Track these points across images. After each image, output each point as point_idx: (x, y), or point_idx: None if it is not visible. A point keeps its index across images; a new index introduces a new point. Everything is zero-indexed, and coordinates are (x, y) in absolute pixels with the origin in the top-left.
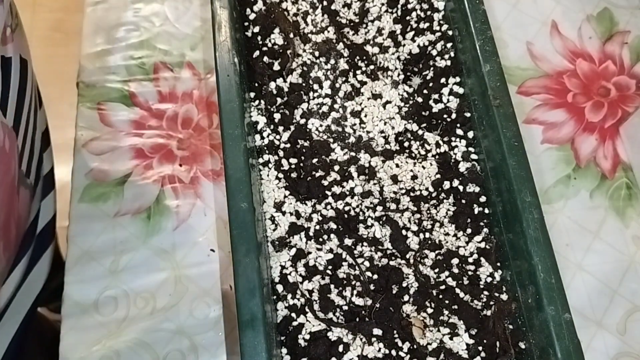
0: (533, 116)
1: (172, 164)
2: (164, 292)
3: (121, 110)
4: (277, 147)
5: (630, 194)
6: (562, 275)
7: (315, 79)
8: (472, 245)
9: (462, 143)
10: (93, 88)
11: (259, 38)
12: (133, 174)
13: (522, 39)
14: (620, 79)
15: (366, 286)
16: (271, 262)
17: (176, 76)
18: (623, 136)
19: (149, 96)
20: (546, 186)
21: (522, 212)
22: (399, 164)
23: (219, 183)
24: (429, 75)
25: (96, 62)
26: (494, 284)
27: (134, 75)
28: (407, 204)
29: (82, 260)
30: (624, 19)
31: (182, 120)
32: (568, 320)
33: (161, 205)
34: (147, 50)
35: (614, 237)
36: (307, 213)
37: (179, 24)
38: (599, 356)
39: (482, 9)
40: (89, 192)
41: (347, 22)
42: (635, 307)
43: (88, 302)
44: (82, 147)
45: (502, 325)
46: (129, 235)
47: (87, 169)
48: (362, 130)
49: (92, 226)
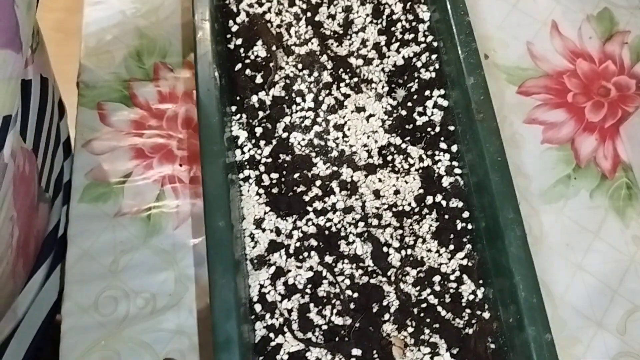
0: (533, 116)
1: (172, 164)
2: (164, 292)
3: (121, 110)
4: (258, 162)
5: (630, 194)
6: (563, 275)
7: (298, 91)
8: (455, 262)
9: (446, 157)
10: (93, 88)
11: (242, 50)
12: (133, 174)
13: (522, 39)
14: (620, 79)
15: (346, 305)
16: (250, 281)
17: (176, 76)
18: (623, 136)
19: (149, 96)
20: (546, 186)
21: (504, 229)
22: (381, 178)
23: None
24: (414, 88)
25: (96, 62)
26: (476, 301)
27: (134, 75)
28: (389, 219)
29: (82, 260)
30: (624, 19)
31: (182, 120)
32: (549, 340)
33: (161, 205)
34: (147, 50)
35: (614, 237)
36: (288, 230)
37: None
38: (599, 356)
39: (467, 20)
40: (89, 192)
41: (331, 34)
42: (635, 307)
43: (88, 302)
44: (82, 147)
45: (484, 344)
46: (129, 235)
47: (87, 169)
48: (345, 144)
49: (92, 226)
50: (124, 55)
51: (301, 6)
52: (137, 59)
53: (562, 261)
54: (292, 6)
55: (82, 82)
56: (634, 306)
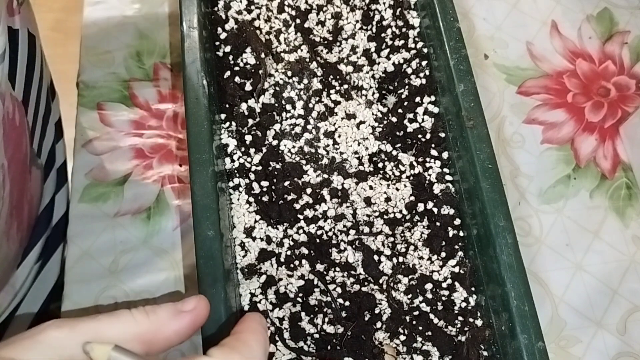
0: (533, 116)
1: (172, 164)
2: (164, 292)
3: (121, 110)
4: (248, 170)
5: (630, 194)
6: (562, 275)
7: (288, 99)
8: (447, 269)
9: (437, 164)
10: (93, 88)
11: (231, 58)
12: (133, 174)
13: (522, 39)
14: (620, 79)
15: (338, 313)
16: (240, 290)
17: (176, 76)
18: (623, 136)
19: (149, 96)
20: (546, 186)
21: (496, 236)
22: (372, 185)
23: None
24: (404, 94)
25: (96, 62)
26: (469, 309)
27: (133, 76)
28: (380, 227)
29: (82, 260)
30: (624, 19)
31: (182, 120)
32: (541, 349)
33: (161, 205)
34: (147, 50)
35: (614, 237)
36: (279, 238)
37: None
38: (598, 356)
39: (457, 26)
40: (89, 192)
41: (321, 40)
42: (635, 307)
43: (88, 302)
44: (82, 147)
45: (477, 352)
46: (129, 235)
47: (87, 169)
48: (336, 151)
49: (92, 226)
50: (124, 55)
51: (290, 13)
52: (137, 59)
53: (562, 261)
54: (281, 13)
55: (82, 82)
56: (634, 306)
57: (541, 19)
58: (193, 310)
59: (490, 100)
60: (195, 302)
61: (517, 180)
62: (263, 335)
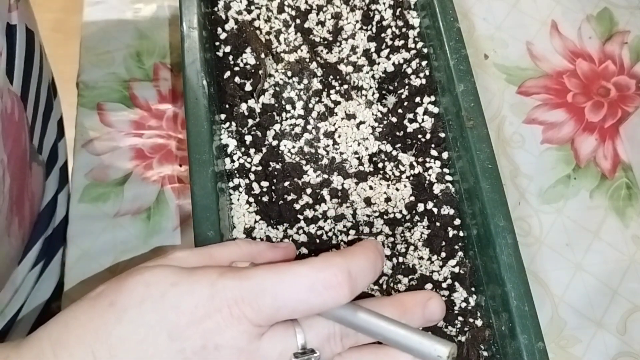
0: (533, 116)
1: (172, 164)
2: None
3: (121, 110)
4: (247, 170)
5: (630, 194)
6: (562, 275)
7: (287, 99)
8: (446, 269)
9: (437, 164)
10: (93, 88)
11: (231, 58)
12: (133, 174)
13: (522, 39)
14: (620, 79)
15: None
16: None
17: (176, 76)
18: (623, 136)
19: (149, 96)
20: (546, 186)
21: (496, 237)
22: (372, 185)
23: None
24: (404, 94)
25: (96, 62)
26: (469, 309)
27: (133, 76)
28: (380, 227)
29: (82, 260)
30: (624, 19)
31: (182, 120)
32: (542, 349)
33: (161, 205)
34: (147, 51)
35: (614, 237)
36: (279, 238)
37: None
38: (598, 356)
39: (457, 26)
40: (89, 192)
41: (321, 41)
42: (635, 307)
43: None
44: (82, 147)
45: (477, 352)
46: (129, 235)
47: (87, 169)
48: (336, 151)
49: (92, 226)
50: (124, 55)
51: (290, 13)
52: (137, 59)
53: (562, 261)
54: (281, 13)
55: (81, 83)
56: (634, 306)
57: (541, 19)
58: (285, 247)
59: (490, 100)
60: (287, 243)
61: (517, 180)
62: (374, 253)
